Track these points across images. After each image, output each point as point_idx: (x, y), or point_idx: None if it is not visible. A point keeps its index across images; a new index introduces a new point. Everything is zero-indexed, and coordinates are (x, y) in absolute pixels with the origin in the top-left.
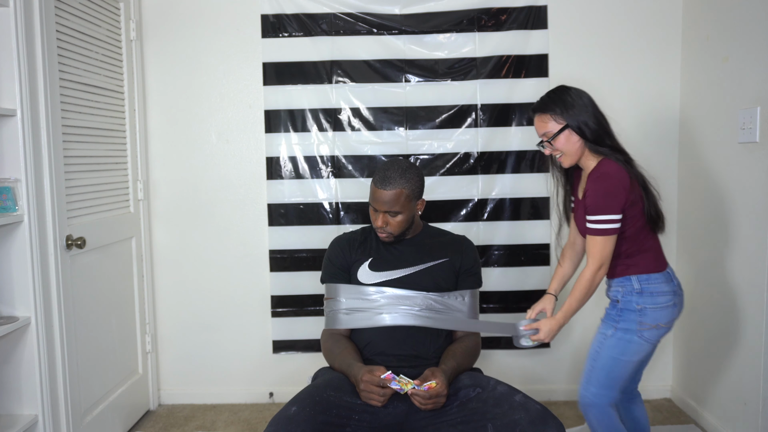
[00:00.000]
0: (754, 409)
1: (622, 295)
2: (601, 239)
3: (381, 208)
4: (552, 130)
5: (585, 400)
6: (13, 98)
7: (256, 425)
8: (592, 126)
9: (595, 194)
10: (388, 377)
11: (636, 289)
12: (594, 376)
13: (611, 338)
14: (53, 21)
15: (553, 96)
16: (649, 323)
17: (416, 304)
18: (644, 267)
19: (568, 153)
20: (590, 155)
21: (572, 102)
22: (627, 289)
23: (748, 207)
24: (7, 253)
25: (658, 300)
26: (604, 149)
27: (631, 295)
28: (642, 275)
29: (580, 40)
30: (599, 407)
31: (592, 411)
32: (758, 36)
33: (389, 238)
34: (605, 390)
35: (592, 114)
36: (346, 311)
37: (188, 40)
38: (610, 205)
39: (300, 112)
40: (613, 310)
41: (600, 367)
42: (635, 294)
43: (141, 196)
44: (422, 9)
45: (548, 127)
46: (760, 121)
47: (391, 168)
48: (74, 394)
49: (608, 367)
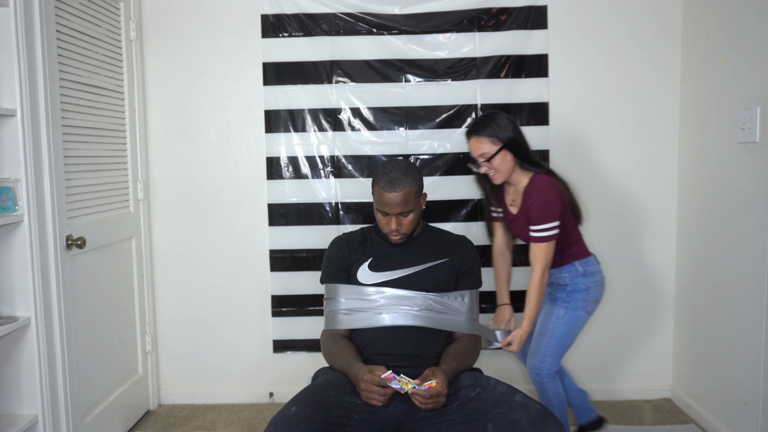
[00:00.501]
0: (754, 409)
1: (570, 279)
2: (545, 245)
3: (393, 210)
4: (489, 152)
5: (542, 371)
6: (13, 98)
7: (256, 425)
8: (522, 144)
9: (537, 206)
10: (389, 377)
11: (581, 272)
12: (550, 350)
13: (564, 317)
14: (53, 21)
15: (487, 120)
16: (592, 299)
17: (416, 305)
18: (582, 253)
19: (502, 171)
20: (520, 171)
21: (505, 124)
22: (573, 273)
23: (748, 207)
24: (7, 253)
25: (596, 278)
26: (530, 165)
27: (577, 278)
28: (582, 260)
29: (580, 40)
30: (552, 376)
31: (548, 380)
32: (758, 36)
33: (403, 239)
34: (557, 359)
35: (519, 134)
36: (346, 311)
37: (188, 40)
38: (551, 214)
39: (300, 112)
40: (563, 293)
41: (555, 342)
42: (581, 276)
43: (141, 196)
44: (422, 9)
45: (484, 149)
46: (760, 121)
47: (394, 169)
48: (74, 394)
49: (562, 341)
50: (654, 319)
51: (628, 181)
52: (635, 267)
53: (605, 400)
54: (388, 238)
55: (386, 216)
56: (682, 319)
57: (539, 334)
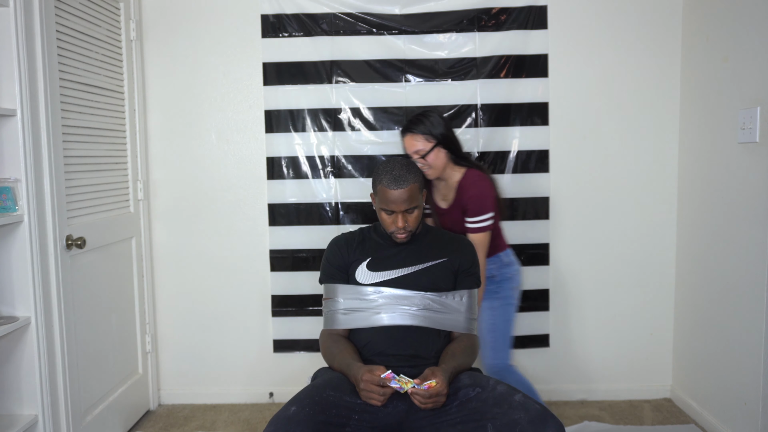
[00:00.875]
0: (754, 408)
1: (497, 269)
2: (483, 235)
3: (400, 208)
4: (424, 149)
5: (501, 364)
6: (13, 98)
7: (256, 425)
8: (454, 141)
9: (474, 199)
10: (388, 376)
11: (505, 262)
12: (500, 344)
13: (499, 308)
14: (53, 21)
15: (422, 118)
16: (516, 286)
17: (414, 304)
18: (502, 245)
19: (436, 166)
20: (453, 167)
21: (438, 122)
22: (498, 264)
23: (748, 207)
24: (7, 253)
25: (515, 267)
26: (462, 161)
27: (502, 268)
28: (503, 251)
29: (580, 40)
30: (509, 369)
31: (510, 371)
32: (758, 36)
33: (408, 237)
34: (508, 350)
35: (451, 131)
36: (344, 311)
37: (188, 40)
38: (487, 206)
39: (300, 112)
40: (492, 284)
41: (501, 334)
42: (505, 266)
43: (141, 196)
44: (422, 9)
45: (419, 146)
46: (760, 121)
47: (396, 167)
48: (74, 394)
49: (506, 331)
50: (654, 318)
51: (628, 180)
52: (635, 267)
53: (605, 400)
54: (391, 237)
55: (392, 214)
56: (682, 319)
57: (483, 333)
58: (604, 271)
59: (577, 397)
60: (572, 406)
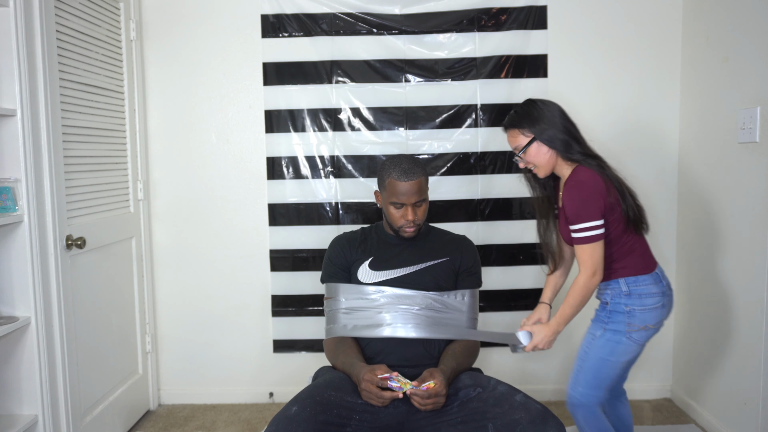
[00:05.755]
0: (754, 408)
1: (611, 297)
2: (588, 247)
3: (410, 200)
4: (521, 144)
5: (573, 400)
6: (13, 98)
7: (256, 425)
8: (561, 136)
9: (572, 203)
10: (385, 378)
11: (624, 292)
12: (582, 377)
13: (600, 339)
14: (53, 21)
15: (519, 111)
16: (638, 325)
17: (416, 304)
18: (631, 269)
19: (540, 164)
20: (564, 164)
21: (538, 115)
22: (615, 291)
23: (748, 207)
24: (7, 253)
25: (647, 302)
26: (576, 156)
27: (619, 297)
28: (630, 277)
29: (580, 40)
30: (587, 407)
31: (580, 411)
32: (758, 36)
33: (416, 231)
34: (593, 390)
35: (559, 123)
36: (346, 311)
37: (188, 40)
38: (590, 212)
39: (300, 112)
40: (603, 312)
41: (588, 368)
42: (623, 296)
43: (141, 196)
44: (422, 9)
45: (518, 142)
46: (760, 121)
47: (404, 161)
48: (74, 394)
49: (596, 368)
50: None
51: (628, 180)
52: None
53: None
54: (398, 233)
55: (401, 208)
56: (682, 319)
57: (577, 357)
58: None
59: None
60: None
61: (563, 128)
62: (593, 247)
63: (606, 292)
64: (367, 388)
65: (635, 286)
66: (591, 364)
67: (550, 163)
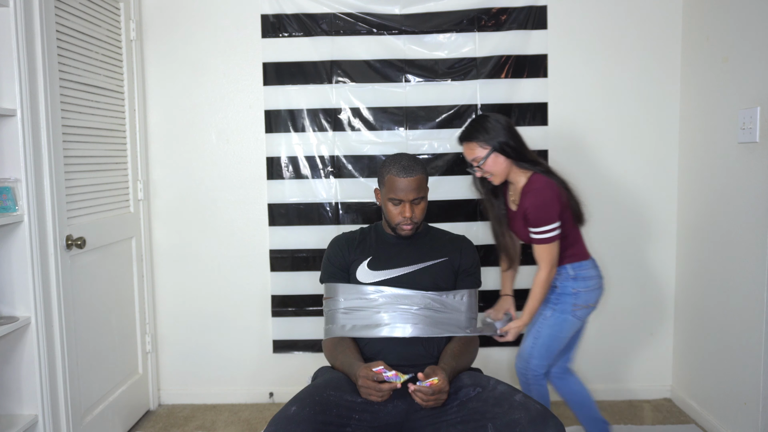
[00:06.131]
0: (754, 409)
1: (560, 282)
2: (548, 246)
3: (409, 196)
4: (480, 156)
5: (527, 371)
6: (13, 98)
7: (256, 425)
8: (513, 145)
9: (533, 209)
10: (380, 371)
11: (571, 276)
12: (536, 351)
13: (550, 319)
14: (53, 21)
15: (475, 125)
16: (581, 304)
17: (415, 303)
18: (576, 257)
19: (497, 173)
20: (517, 171)
21: (492, 128)
22: (563, 276)
23: (748, 207)
24: (7, 253)
25: (589, 283)
26: (527, 164)
27: (567, 281)
28: (575, 263)
29: (580, 40)
30: (539, 377)
31: (534, 382)
32: (758, 36)
33: (413, 230)
34: (545, 361)
35: (510, 135)
36: (345, 310)
37: (188, 40)
38: (550, 216)
39: (300, 112)
40: (552, 295)
41: (541, 344)
42: (570, 280)
43: (141, 196)
44: (422, 9)
45: (476, 153)
46: (760, 121)
47: (404, 158)
48: (74, 394)
49: (548, 344)
50: (654, 319)
51: (628, 181)
52: (635, 267)
53: (605, 400)
54: (395, 230)
55: (399, 204)
56: (682, 319)
57: (528, 335)
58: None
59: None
60: None
61: (513, 139)
62: (552, 246)
63: (555, 278)
64: (364, 384)
65: (580, 271)
66: (543, 341)
67: (505, 171)
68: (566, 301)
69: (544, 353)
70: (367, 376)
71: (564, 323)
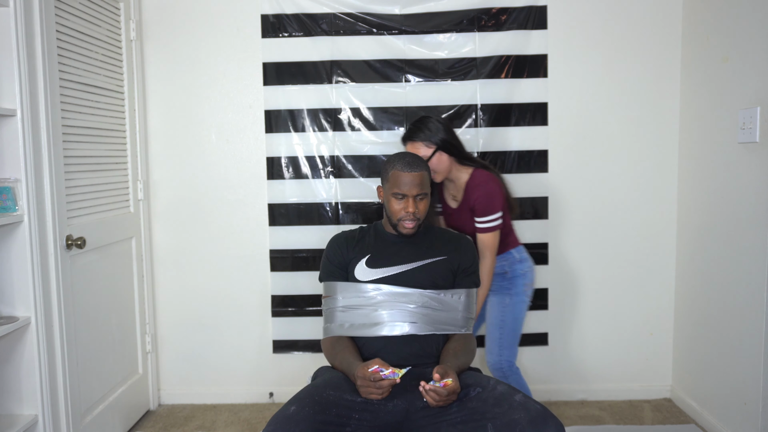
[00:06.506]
0: (754, 408)
1: (509, 266)
2: (492, 235)
3: (412, 192)
4: (426, 154)
5: (503, 365)
6: (13, 98)
7: (256, 425)
8: (454, 143)
9: (480, 200)
10: (376, 371)
11: (517, 259)
12: (506, 341)
13: (510, 305)
14: (53, 21)
15: (419, 125)
16: (530, 283)
17: (412, 302)
18: (514, 242)
19: (440, 170)
20: (459, 168)
21: (435, 127)
22: (510, 261)
23: (748, 207)
24: (7, 253)
25: (529, 264)
26: (467, 161)
27: (515, 264)
28: (517, 247)
29: (580, 40)
30: (513, 368)
31: (512, 373)
32: (758, 36)
33: (416, 227)
34: (514, 349)
35: (451, 134)
36: (343, 309)
37: (188, 40)
38: (495, 206)
39: (300, 112)
40: (504, 281)
41: (508, 332)
42: (518, 263)
43: (141, 196)
44: (422, 9)
45: (421, 152)
46: (760, 121)
47: (407, 155)
48: (74, 394)
49: (514, 329)
50: (654, 318)
51: (628, 180)
52: (635, 266)
53: (605, 400)
54: (397, 228)
55: (402, 200)
56: (682, 319)
57: (491, 328)
58: (603, 270)
59: (577, 397)
60: (572, 406)
61: (454, 138)
62: (495, 234)
63: (503, 264)
64: (363, 383)
65: (520, 254)
66: (510, 326)
67: (448, 169)
68: (519, 283)
69: (513, 339)
70: (364, 376)
71: (521, 304)
